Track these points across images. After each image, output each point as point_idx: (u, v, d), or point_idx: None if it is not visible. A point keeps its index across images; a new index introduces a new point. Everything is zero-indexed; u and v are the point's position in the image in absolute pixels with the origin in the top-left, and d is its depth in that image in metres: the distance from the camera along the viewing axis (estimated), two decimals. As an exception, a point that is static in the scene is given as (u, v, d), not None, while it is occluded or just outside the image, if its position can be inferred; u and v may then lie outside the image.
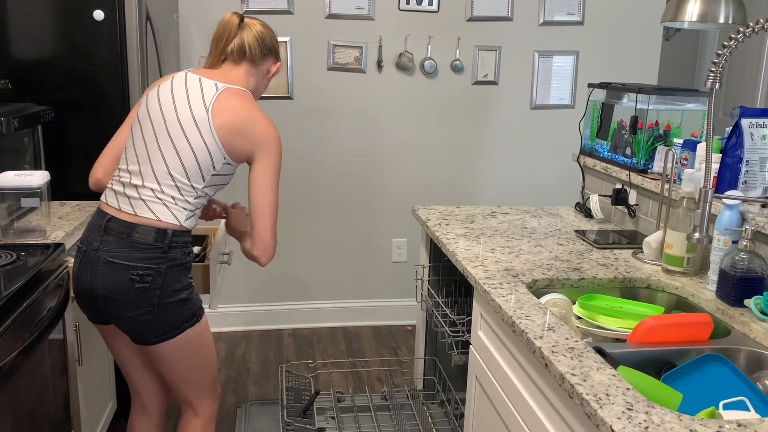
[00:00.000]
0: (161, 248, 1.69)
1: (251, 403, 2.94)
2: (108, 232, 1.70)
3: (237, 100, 1.74)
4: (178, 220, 1.71)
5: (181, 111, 1.72)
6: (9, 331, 1.59)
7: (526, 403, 1.48)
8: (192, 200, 1.74)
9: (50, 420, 1.87)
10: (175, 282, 1.71)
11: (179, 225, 1.71)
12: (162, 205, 1.70)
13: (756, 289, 1.60)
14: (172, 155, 1.71)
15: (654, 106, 2.26)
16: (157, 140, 1.72)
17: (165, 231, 1.69)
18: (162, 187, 1.71)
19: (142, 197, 1.70)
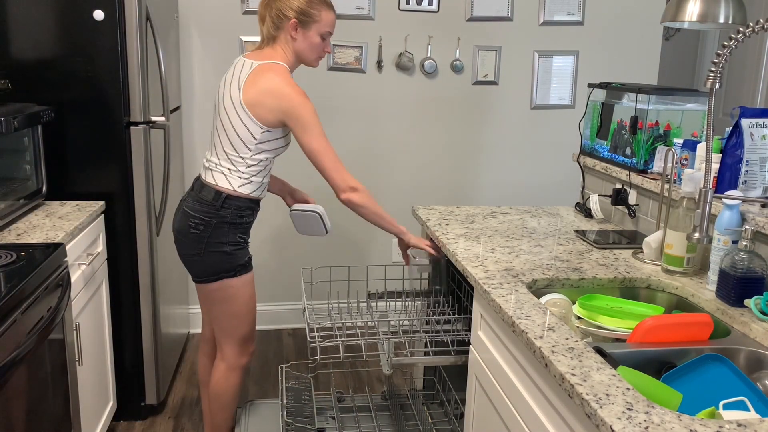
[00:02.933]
0: (215, 206, 2.07)
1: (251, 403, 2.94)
2: (193, 188, 2.15)
3: (264, 76, 2.03)
4: (232, 186, 2.08)
5: (225, 96, 2.09)
6: (9, 331, 1.59)
7: (526, 403, 1.48)
8: (244, 169, 2.08)
9: (50, 420, 1.87)
10: (221, 235, 2.08)
11: (233, 190, 2.08)
12: (220, 173, 2.09)
13: (756, 289, 1.60)
14: (222, 133, 2.09)
15: (654, 106, 2.26)
16: (215, 122, 2.13)
17: (221, 193, 2.07)
18: (220, 160, 2.09)
19: (209, 167, 2.12)
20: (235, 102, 2.04)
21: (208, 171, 2.12)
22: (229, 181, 2.08)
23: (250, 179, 2.10)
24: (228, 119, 2.06)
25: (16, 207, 2.22)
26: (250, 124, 2.03)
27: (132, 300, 2.67)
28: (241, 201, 2.10)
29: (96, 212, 2.43)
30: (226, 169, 2.08)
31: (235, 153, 2.07)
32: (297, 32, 2.08)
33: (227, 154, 2.08)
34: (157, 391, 2.77)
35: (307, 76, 3.52)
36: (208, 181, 2.10)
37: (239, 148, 2.07)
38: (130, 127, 2.57)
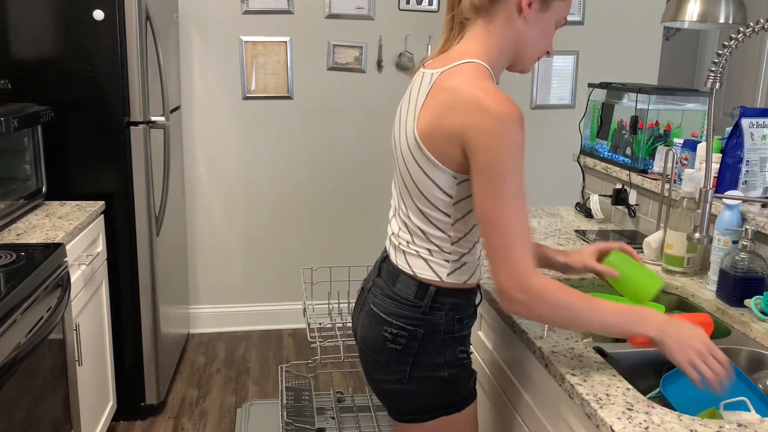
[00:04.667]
0: (420, 308, 1.33)
1: (251, 403, 2.94)
2: (381, 274, 1.42)
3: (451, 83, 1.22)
4: (439, 276, 1.32)
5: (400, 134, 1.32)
6: (9, 331, 1.59)
7: (526, 402, 1.48)
8: (448, 246, 1.32)
9: (50, 420, 1.86)
10: (434, 354, 1.34)
11: (440, 281, 1.33)
12: (417, 257, 1.34)
13: (756, 289, 1.60)
14: (406, 196, 1.33)
15: (654, 106, 2.26)
16: (399, 171, 1.35)
17: (427, 287, 1.33)
18: (413, 238, 1.34)
19: (401, 247, 1.37)
20: (410, 141, 1.27)
21: (400, 252, 1.37)
22: (433, 268, 1.33)
23: (461, 261, 1.34)
24: (408, 173, 1.30)
25: (16, 207, 2.22)
26: (433, 172, 1.25)
27: (132, 300, 2.67)
28: (456, 295, 1.35)
29: (96, 212, 2.43)
30: (424, 249, 1.33)
31: (430, 225, 1.31)
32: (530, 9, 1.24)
33: (418, 227, 1.32)
34: (157, 391, 2.77)
35: (306, 76, 3.52)
36: (403, 267, 1.36)
37: (433, 218, 1.30)
38: (130, 127, 2.57)
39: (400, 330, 1.34)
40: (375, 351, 1.37)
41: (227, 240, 3.65)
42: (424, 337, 1.33)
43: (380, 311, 1.37)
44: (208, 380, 3.16)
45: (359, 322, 1.43)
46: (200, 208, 3.59)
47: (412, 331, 1.33)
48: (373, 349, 1.38)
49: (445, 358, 1.35)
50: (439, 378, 1.35)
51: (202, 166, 3.54)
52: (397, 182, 1.37)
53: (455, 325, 1.36)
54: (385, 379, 1.38)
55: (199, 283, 3.67)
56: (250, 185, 3.60)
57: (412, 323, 1.33)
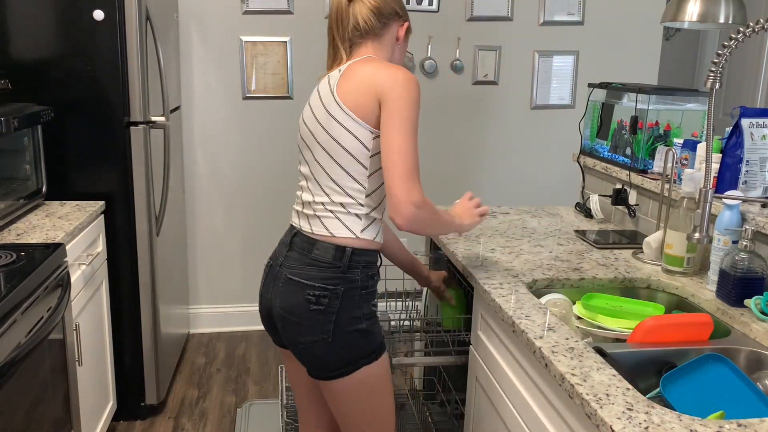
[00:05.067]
0: (339, 267, 1.52)
1: (251, 403, 2.94)
2: (293, 248, 1.58)
3: (360, 64, 1.53)
4: (354, 233, 1.53)
5: (316, 110, 1.57)
6: (9, 331, 1.59)
7: (526, 403, 1.48)
8: (363, 198, 1.53)
9: (50, 420, 1.87)
10: (354, 308, 1.53)
11: (356, 238, 1.53)
12: (333, 218, 1.53)
13: (756, 289, 1.60)
14: (325, 158, 1.53)
15: (654, 106, 2.26)
16: (311, 151, 1.57)
17: (344, 249, 1.52)
18: (330, 197, 1.54)
19: (316, 213, 1.56)
20: (329, 107, 1.53)
21: (315, 219, 1.56)
22: (348, 226, 1.53)
23: (371, 216, 1.56)
24: (326, 134, 1.53)
25: (16, 207, 2.22)
26: (353, 127, 1.50)
27: (132, 300, 2.67)
28: (368, 254, 1.56)
29: (96, 212, 2.43)
30: (340, 207, 1.53)
31: (348, 178, 1.52)
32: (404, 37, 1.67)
33: (336, 183, 1.53)
34: (157, 391, 2.77)
35: (307, 76, 3.53)
36: (319, 232, 1.54)
37: (351, 169, 1.52)
38: (130, 127, 2.57)
39: (322, 291, 1.51)
40: (299, 315, 1.53)
41: (227, 240, 3.65)
42: (344, 295, 1.52)
43: (301, 278, 1.53)
44: (208, 380, 3.17)
45: (275, 294, 1.58)
46: (200, 208, 3.59)
47: (333, 290, 1.51)
48: (297, 315, 1.53)
49: (363, 312, 1.55)
50: (359, 330, 1.54)
51: (202, 166, 3.54)
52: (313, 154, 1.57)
53: (369, 281, 1.57)
54: (311, 341, 1.53)
55: (199, 283, 3.67)
56: (250, 185, 3.61)
57: (332, 282, 1.52)
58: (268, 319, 1.65)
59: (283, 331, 1.58)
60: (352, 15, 1.60)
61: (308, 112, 1.62)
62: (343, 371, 1.54)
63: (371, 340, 1.56)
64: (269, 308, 1.61)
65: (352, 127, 1.50)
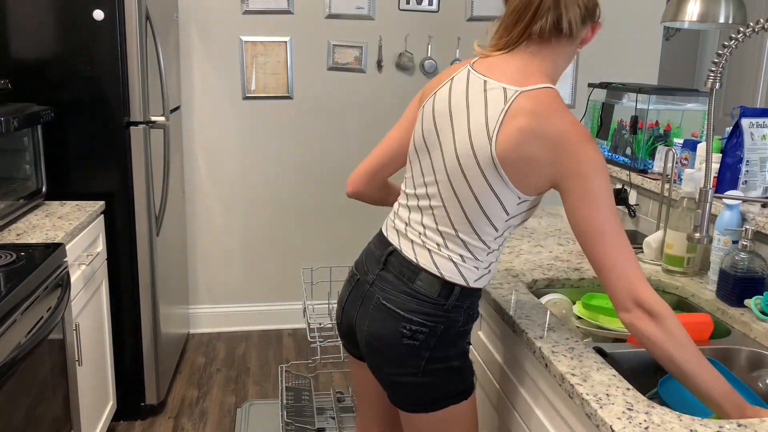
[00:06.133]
0: (443, 306, 1.36)
1: (251, 403, 2.94)
2: (387, 268, 1.40)
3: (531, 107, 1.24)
4: (467, 281, 1.36)
5: (459, 140, 1.29)
6: (9, 331, 1.59)
7: (526, 403, 1.48)
8: (484, 257, 1.36)
9: (50, 420, 1.87)
10: (448, 346, 1.38)
11: (467, 285, 1.37)
12: (448, 261, 1.35)
13: (756, 289, 1.60)
14: (453, 205, 1.32)
15: (654, 106, 2.26)
16: (436, 181, 1.34)
17: (452, 287, 1.35)
18: (446, 242, 1.35)
19: (426, 246, 1.36)
20: (480, 156, 1.26)
21: (422, 249, 1.37)
22: (462, 273, 1.35)
23: (488, 268, 1.40)
24: (465, 183, 1.29)
25: (16, 207, 2.22)
26: (503, 192, 1.28)
27: (132, 300, 2.67)
28: (476, 296, 1.41)
29: (96, 212, 2.43)
30: (456, 255, 1.35)
31: (473, 236, 1.33)
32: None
33: (457, 234, 1.33)
34: (157, 391, 2.77)
35: (307, 76, 3.52)
36: (425, 266, 1.36)
37: (481, 230, 1.32)
38: (130, 127, 2.57)
39: (420, 326, 1.35)
40: (388, 346, 1.37)
41: (227, 240, 3.65)
42: (442, 333, 1.36)
43: (397, 308, 1.36)
44: (208, 380, 3.16)
45: (363, 315, 1.42)
46: (200, 208, 3.59)
47: (433, 327, 1.36)
48: (386, 344, 1.38)
49: (457, 350, 1.40)
50: (450, 368, 1.39)
51: (202, 166, 3.54)
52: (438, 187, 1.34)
53: (470, 321, 1.42)
54: (397, 373, 1.39)
55: (199, 283, 3.67)
56: (250, 185, 3.61)
57: (432, 320, 1.36)
58: (348, 334, 1.52)
59: (367, 355, 1.44)
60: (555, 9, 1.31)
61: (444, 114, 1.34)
62: (426, 408, 1.41)
63: (463, 379, 1.42)
64: (352, 325, 1.47)
65: (499, 190, 1.27)
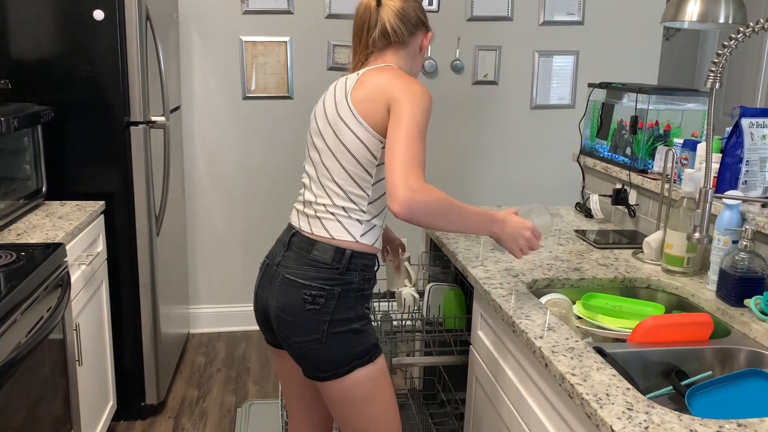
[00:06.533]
0: (338, 269, 1.52)
1: (251, 403, 2.94)
2: (291, 248, 1.59)
3: (376, 73, 1.53)
4: (354, 236, 1.54)
5: (329, 111, 1.57)
6: (9, 331, 1.59)
7: (526, 403, 1.48)
8: (366, 206, 1.54)
9: (50, 420, 1.87)
10: (348, 309, 1.53)
11: (355, 242, 1.54)
12: (334, 220, 1.54)
13: (756, 289, 1.60)
14: (332, 161, 1.54)
15: (654, 106, 2.26)
16: (318, 152, 1.58)
17: (343, 250, 1.53)
18: (332, 199, 1.54)
19: (317, 214, 1.56)
20: (341, 110, 1.54)
21: (315, 220, 1.56)
22: (348, 229, 1.54)
23: (371, 222, 1.57)
24: (335, 137, 1.54)
25: (16, 207, 2.22)
26: (364, 135, 1.50)
27: (132, 300, 2.67)
28: (366, 257, 1.57)
29: (96, 212, 2.43)
30: (341, 211, 1.54)
31: (352, 184, 1.53)
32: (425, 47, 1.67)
33: (340, 186, 1.54)
34: (157, 391, 2.77)
35: (307, 76, 3.52)
36: (318, 233, 1.55)
37: (356, 175, 1.53)
38: (130, 127, 2.57)
39: (319, 291, 1.52)
40: (294, 315, 1.53)
41: (227, 240, 3.65)
42: (339, 295, 1.52)
43: (298, 278, 1.53)
44: (208, 380, 3.17)
45: (272, 293, 1.58)
46: (200, 208, 3.59)
47: (330, 290, 1.52)
48: (293, 314, 1.53)
49: (356, 313, 1.55)
50: (352, 330, 1.54)
51: (202, 166, 3.54)
52: (320, 155, 1.57)
53: (365, 284, 1.57)
54: (305, 340, 1.53)
55: (199, 283, 3.67)
56: (250, 185, 3.61)
57: (329, 283, 1.52)
58: (263, 319, 1.66)
59: (278, 330, 1.58)
60: (380, 20, 1.58)
61: (320, 111, 1.62)
62: (336, 372, 1.53)
63: (364, 341, 1.55)
64: (265, 307, 1.62)
65: (360, 133, 1.50)
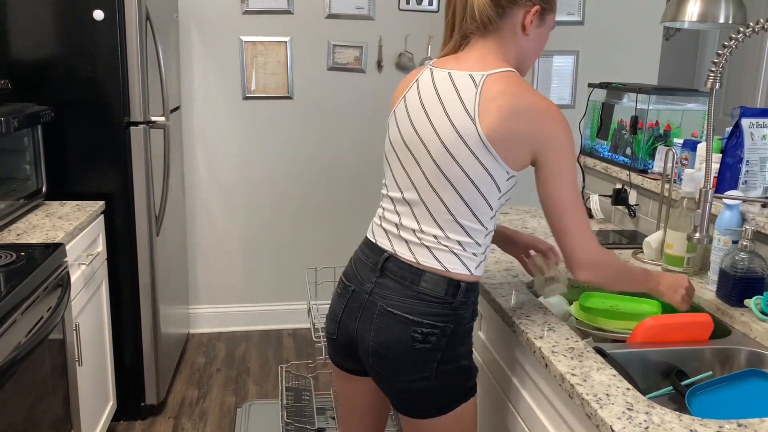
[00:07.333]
0: (451, 304, 1.37)
1: (251, 403, 2.94)
2: (386, 274, 1.40)
3: (503, 85, 1.31)
4: (469, 270, 1.38)
5: (440, 128, 1.34)
6: (9, 331, 1.59)
7: (526, 403, 1.48)
8: (482, 240, 1.38)
9: (50, 420, 1.87)
10: (458, 345, 1.39)
11: (470, 274, 1.38)
12: (449, 253, 1.36)
13: (756, 289, 1.60)
14: (449, 191, 1.34)
15: (654, 106, 2.26)
16: (424, 173, 1.36)
17: (458, 283, 1.37)
18: (445, 232, 1.36)
19: (424, 243, 1.37)
20: (467, 138, 1.30)
21: (422, 249, 1.37)
22: (464, 262, 1.37)
23: (485, 254, 1.42)
24: (457, 167, 1.32)
25: (16, 207, 2.22)
26: (494, 167, 1.32)
27: (132, 300, 2.67)
28: (476, 290, 1.43)
29: (96, 212, 2.43)
30: (457, 245, 1.36)
31: (471, 218, 1.35)
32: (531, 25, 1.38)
33: (457, 221, 1.35)
34: (157, 391, 2.77)
35: (307, 77, 3.52)
36: (427, 264, 1.37)
37: (478, 209, 1.35)
38: (130, 127, 2.57)
39: (431, 329, 1.35)
40: (399, 353, 1.36)
41: (227, 240, 3.65)
42: (452, 333, 1.37)
43: (404, 312, 1.36)
44: (208, 380, 3.16)
45: (365, 326, 1.40)
46: (200, 208, 3.59)
47: (443, 328, 1.36)
48: (398, 352, 1.37)
49: (465, 349, 1.41)
50: (460, 367, 1.40)
51: (202, 166, 3.54)
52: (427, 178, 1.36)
53: (473, 317, 1.43)
54: (410, 379, 1.38)
55: (199, 283, 3.67)
56: (250, 185, 3.61)
57: (442, 320, 1.36)
58: (347, 349, 1.49)
59: (375, 367, 1.41)
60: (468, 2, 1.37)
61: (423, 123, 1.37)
62: (438, 411, 1.40)
63: (470, 377, 1.44)
64: (353, 339, 1.45)
65: (490, 165, 1.31)
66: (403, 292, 1.37)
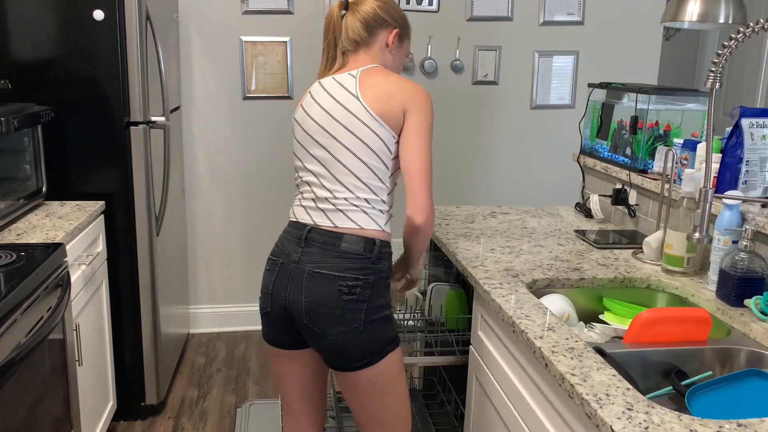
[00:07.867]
0: (369, 258, 1.60)
1: (251, 403, 2.94)
2: (310, 243, 1.61)
3: (375, 74, 1.65)
4: (380, 226, 1.63)
5: (333, 111, 1.64)
6: (9, 331, 1.59)
7: (526, 403, 1.48)
8: (386, 197, 1.65)
9: (50, 420, 1.87)
10: (380, 297, 1.62)
11: (381, 230, 1.63)
12: (360, 212, 1.61)
13: (756, 289, 1.60)
14: (348, 156, 1.61)
15: (654, 106, 2.26)
16: (326, 149, 1.63)
17: (373, 240, 1.61)
18: (354, 193, 1.61)
19: (338, 207, 1.61)
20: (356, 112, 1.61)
21: (337, 213, 1.62)
22: (375, 220, 1.63)
23: (390, 212, 1.69)
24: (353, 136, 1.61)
25: (16, 207, 2.22)
26: (382, 132, 1.61)
27: (132, 300, 2.67)
28: (389, 246, 1.68)
29: (96, 212, 2.43)
30: (365, 203, 1.62)
31: (373, 177, 1.63)
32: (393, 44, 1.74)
33: (361, 180, 1.62)
34: (157, 391, 2.77)
35: (307, 77, 3.53)
36: (344, 225, 1.61)
37: (378, 170, 1.63)
38: (130, 127, 2.57)
39: (354, 281, 1.58)
40: (331, 307, 1.57)
41: (227, 240, 3.65)
42: (373, 284, 1.60)
43: (330, 270, 1.58)
44: (208, 380, 3.17)
45: (295, 290, 1.60)
46: (200, 208, 3.59)
47: (365, 280, 1.59)
48: (329, 306, 1.57)
49: (386, 300, 1.63)
50: (384, 317, 1.62)
51: (202, 166, 3.54)
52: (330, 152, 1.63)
53: (389, 271, 1.67)
54: (342, 331, 1.58)
55: (199, 283, 3.67)
56: (250, 185, 3.61)
57: (364, 273, 1.59)
58: (281, 316, 1.66)
59: (310, 325, 1.60)
60: (344, 27, 1.71)
61: (318, 112, 1.67)
62: (371, 360, 1.60)
63: (393, 326, 1.64)
64: (285, 305, 1.63)
65: (378, 130, 1.60)
66: (327, 255, 1.59)
